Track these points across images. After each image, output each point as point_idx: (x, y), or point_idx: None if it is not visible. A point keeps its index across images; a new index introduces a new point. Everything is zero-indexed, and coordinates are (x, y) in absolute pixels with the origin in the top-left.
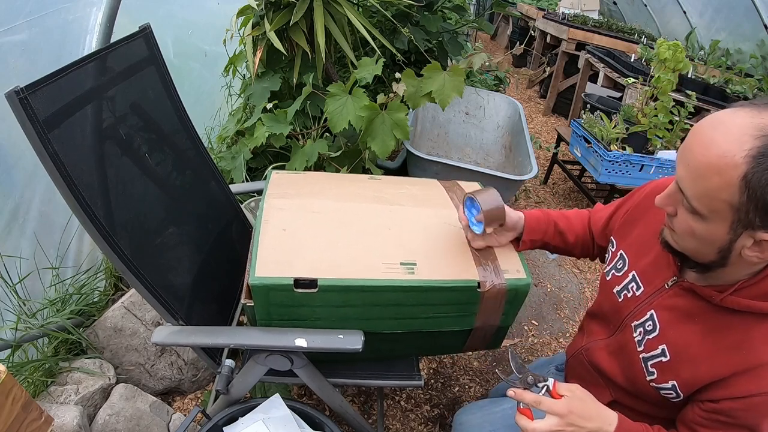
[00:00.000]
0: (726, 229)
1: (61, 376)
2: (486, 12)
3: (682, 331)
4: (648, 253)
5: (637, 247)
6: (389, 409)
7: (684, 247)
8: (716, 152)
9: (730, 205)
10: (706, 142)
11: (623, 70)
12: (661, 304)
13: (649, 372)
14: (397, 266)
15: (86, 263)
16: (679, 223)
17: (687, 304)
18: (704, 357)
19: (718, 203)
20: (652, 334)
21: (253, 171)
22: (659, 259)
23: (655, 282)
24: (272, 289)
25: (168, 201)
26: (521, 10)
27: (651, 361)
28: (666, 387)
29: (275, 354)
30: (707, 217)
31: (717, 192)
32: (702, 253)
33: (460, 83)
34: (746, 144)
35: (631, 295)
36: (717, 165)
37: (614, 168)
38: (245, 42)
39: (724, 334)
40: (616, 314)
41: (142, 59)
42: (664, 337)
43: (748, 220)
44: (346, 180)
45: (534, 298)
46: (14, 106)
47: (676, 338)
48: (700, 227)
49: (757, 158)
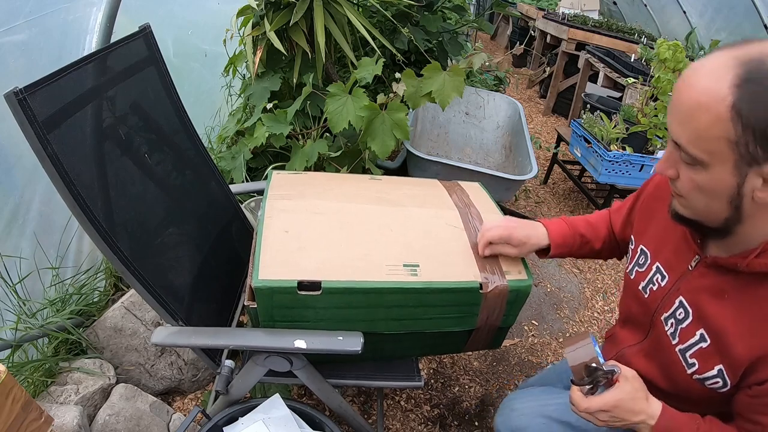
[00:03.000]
0: (730, 172)
1: (61, 376)
2: (486, 12)
3: (715, 311)
4: (668, 241)
5: (657, 238)
6: (389, 409)
7: (695, 209)
8: (700, 90)
9: (727, 142)
10: (688, 84)
11: (623, 70)
12: (688, 287)
13: (689, 364)
14: (401, 268)
15: (86, 263)
16: (683, 183)
17: (714, 281)
18: (743, 334)
19: (714, 143)
20: (685, 321)
21: (253, 171)
22: (680, 244)
23: (679, 267)
24: (276, 291)
25: (168, 201)
26: (521, 10)
27: (689, 351)
28: (711, 376)
29: (275, 355)
30: (708, 163)
31: (710, 130)
32: (713, 210)
33: (460, 83)
34: (728, 75)
35: (657, 287)
36: (703, 102)
37: (614, 168)
38: (245, 42)
39: (760, 305)
40: (644, 313)
41: (142, 59)
42: (698, 321)
43: (751, 156)
44: (347, 180)
45: (534, 298)
46: (13, 107)
47: (711, 319)
48: (703, 178)
49: (742, 85)
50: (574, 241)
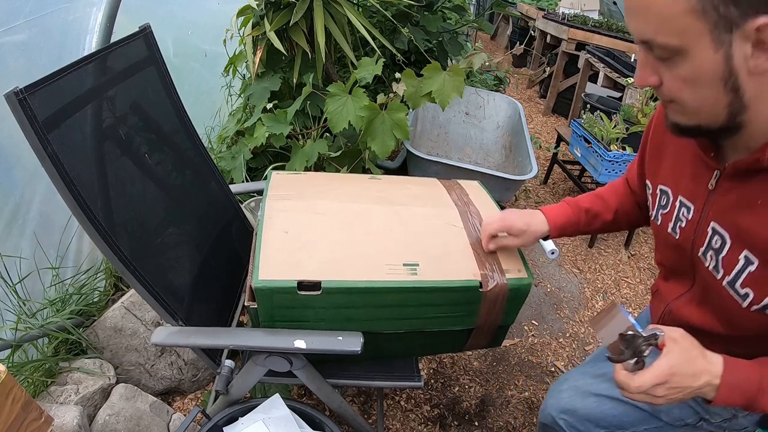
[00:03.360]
0: (711, 47)
1: (61, 376)
2: (486, 12)
3: (752, 224)
4: (683, 169)
5: (672, 172)
6: (389, 409)
7: (691, 111)
8: None
9: (694, 13)
10: None
11: (623, 70)
12: (716, 209)
13: (742, 296)
14: (401, 267)
15: (86, 263)
16: (669, 85)
17: (742, 193)
18: None
19: (681, 20)
20: (724, 248)
21: (253, 171)
22: (696, 166)
23: (701, 192)
24: (276, 291)
25: (168, 201)
26: (521, 10)
27: (739, 281)
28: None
29: (274, 355)
30: (683, 47)
31: (671, 7)
32: (710, 103)
33: (460, 83)
34: None
35: (685, 222)
36: None
37: (614, 168)
38: (245, 42)
39: None
40: (681, 256)
41: (142, 59)
42: (738, 242)
43: (725, 19)
44: (347, 180)
45: (534, 298)
46: (13, 107)
47: (751, 235)
48: (687, 69)
49: None
50: (579, 219)
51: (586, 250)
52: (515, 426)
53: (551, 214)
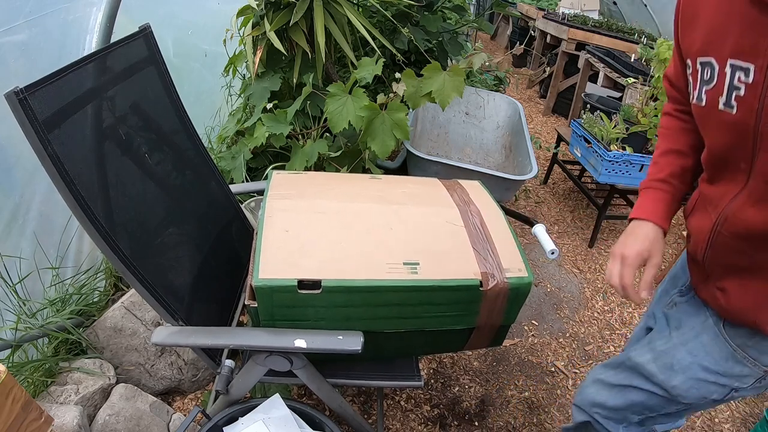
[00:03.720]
0: None
1: (61, 376)
2: (486, 12)
3: None
4: (729, 28)
5: (713, 35)
6: (389, 409)
7: None
8: None
9: None
10: None
11: (623, 70)
12: None
13: None
14: (401, 266)
15: (86, 263)
16: None
17: None
18: None
19: None
20: None
21: (253, 171)
22: (747, 17)
23: (762, 46)
24: (276, 290)
25: (168, 201)
26: (521, 10)
27: None
28: None
29: (275, 355)
30: None
31: None
32: None
33: (460, 83)
34: None
35: (744, 89)
36: None
37: (614, 168)
38: (245, 42)
39: None
40: (741, 136)
41: (142, 59)
42: None
43: None
44: (348, 180)
45: (534, 298)
46: (14, 107)
47: None
48: None
49: None
50: (676, 189)
51: (586, 250)
52: (515, 426)
53: (657, 217)
